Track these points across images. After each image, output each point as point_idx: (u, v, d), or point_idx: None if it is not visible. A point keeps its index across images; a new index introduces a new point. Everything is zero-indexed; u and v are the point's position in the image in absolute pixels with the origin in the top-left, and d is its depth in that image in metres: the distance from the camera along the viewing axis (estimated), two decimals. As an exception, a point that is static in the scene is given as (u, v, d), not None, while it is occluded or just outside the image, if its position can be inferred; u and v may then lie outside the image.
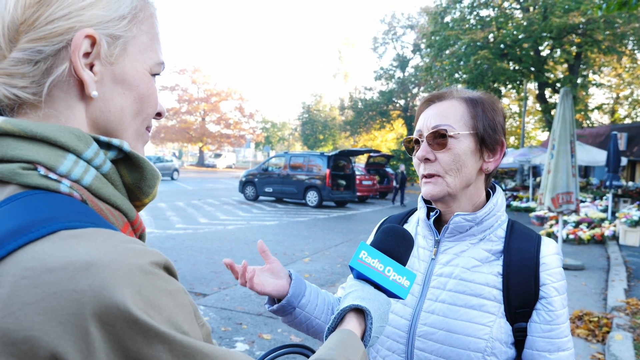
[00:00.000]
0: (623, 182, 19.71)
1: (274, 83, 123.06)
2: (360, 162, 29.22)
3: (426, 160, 1.07)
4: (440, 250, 1.12)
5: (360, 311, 0.82)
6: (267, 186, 18.33)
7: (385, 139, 46.03)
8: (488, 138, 1.07)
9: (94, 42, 0.60)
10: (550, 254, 1.07)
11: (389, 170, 24.00)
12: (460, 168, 1.05)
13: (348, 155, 18.85)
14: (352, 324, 0.80)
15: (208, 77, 50.54)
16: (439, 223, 1.16)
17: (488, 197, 1.15)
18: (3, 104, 0.59)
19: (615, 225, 11.42)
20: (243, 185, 18.96)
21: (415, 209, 1.27)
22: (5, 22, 0.57)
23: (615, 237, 11.09)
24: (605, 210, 13.95)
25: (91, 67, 0.61)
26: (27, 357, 0.44)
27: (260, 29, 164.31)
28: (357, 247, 0.95)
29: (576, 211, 8.51)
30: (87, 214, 0.54)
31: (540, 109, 22.96)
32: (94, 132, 0.64)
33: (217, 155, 53.87)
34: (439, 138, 1.05)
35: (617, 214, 12.05)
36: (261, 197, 19.22)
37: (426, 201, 1.18)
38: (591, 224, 11.73)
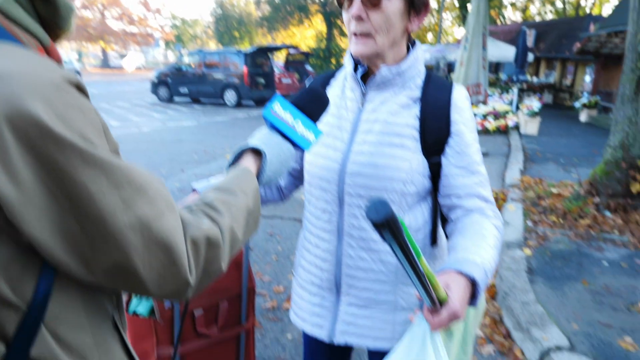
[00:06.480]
0: (528, 77, 20.98)
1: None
2: (279, 60, 28.36)
3: (358, 18, 1.10)
4: (367, 100, 1.21)
5: (258, 153, 0.93)
6: (181, 86, 17.45)
7: (305, 36, 44.66)
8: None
9: None
10: (461, 97, 1.19)
11: (309, 68, 23.60)
12: (390, 28, 1.11)
13: (266, 52, 18.12)
14: (248, 162, 0.91)
15: (104, -36, 44.68)
16: (365, 77, 1.24)
17: (408, 52, 1.23)
18: None
19: (517, 117, 12.34)
20: (155, 86, 17.92)
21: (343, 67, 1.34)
22: None
23: (517, 127, 12.04)
24: (511, 104, 14.95)
25: None
26: None
27: None
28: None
29: (484, 102, 9.02)
30: None
31: (457, 5, 23.10)
32: None
33: (123, 56, 49.53)
34: None
35: (519, 106, 12.99)
36: (176, 98, 18.34)
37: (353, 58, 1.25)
38: (497, 116, 12.57)
